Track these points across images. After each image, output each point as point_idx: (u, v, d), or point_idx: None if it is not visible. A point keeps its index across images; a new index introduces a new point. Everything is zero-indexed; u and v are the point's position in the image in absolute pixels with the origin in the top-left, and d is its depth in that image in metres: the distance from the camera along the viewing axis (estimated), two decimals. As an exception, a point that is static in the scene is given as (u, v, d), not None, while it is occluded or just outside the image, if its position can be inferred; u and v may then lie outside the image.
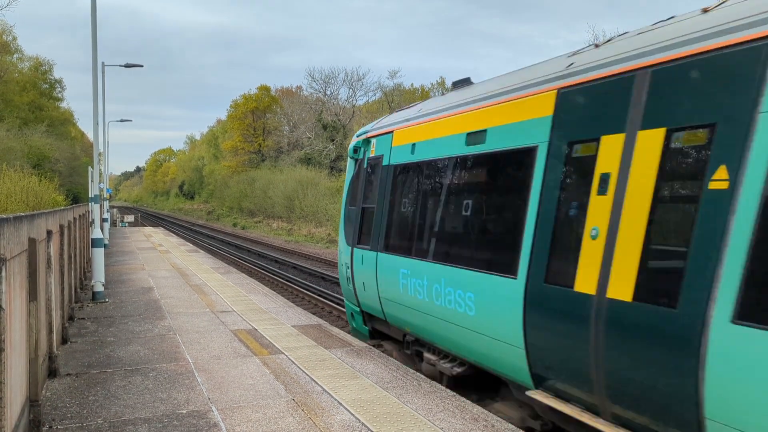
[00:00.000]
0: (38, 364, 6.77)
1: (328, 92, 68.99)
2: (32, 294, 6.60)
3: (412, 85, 70.98)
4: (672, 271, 4.99)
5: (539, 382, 6.51)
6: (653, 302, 5.04)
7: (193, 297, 15.11)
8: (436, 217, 8.82)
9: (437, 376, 8.83)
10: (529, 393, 6.58)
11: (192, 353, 9.58)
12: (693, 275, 4.74)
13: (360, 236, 11.18)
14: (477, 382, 8.29)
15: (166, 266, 22.14)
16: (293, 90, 78.37)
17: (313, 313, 15.10)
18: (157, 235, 42.67)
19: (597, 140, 5.95)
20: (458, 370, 8.37)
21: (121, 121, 52.09)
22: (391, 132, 10.61)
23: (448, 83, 68.94)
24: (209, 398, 7.40)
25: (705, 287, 4.61)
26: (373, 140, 11.35)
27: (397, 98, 63.36)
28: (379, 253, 10.25)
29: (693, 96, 5.14)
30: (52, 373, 8.29)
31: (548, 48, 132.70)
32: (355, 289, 11.28)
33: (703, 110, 5.02)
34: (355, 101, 68.42)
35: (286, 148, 72.15)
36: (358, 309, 11.50)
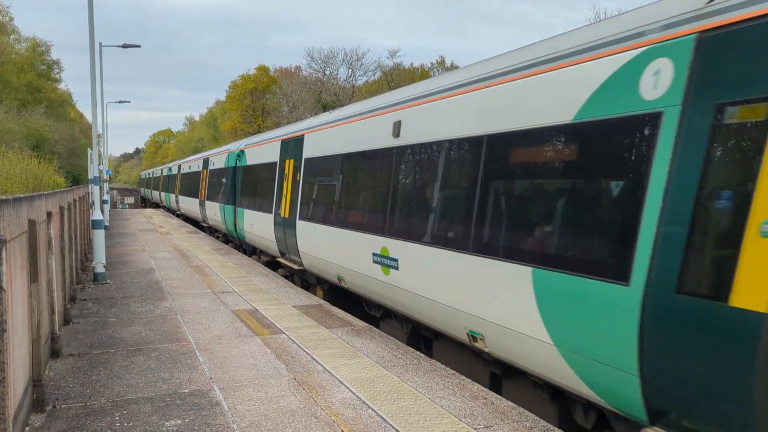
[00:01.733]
0: (41, 344, 6.81)
1: (327, 72, 68.48)
2: (33, 275, 6.62)
3: (411, 64, 70.47)
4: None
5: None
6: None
7: (194, 278, 15.17)
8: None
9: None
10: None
11: (193, 333, 9.64)
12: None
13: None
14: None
15: (166, 247, 22.19)
16: (292, 70, 77.78)
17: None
18: (157, 216, 42.70)
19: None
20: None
21: (120, 102, 52.04)
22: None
23: (448, 63, 68.54)
24: (211, 378, 7.47)
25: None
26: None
27: (397, 78, 62.89)
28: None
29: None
30: (55, 354, 8.34)
31: (548, 27, 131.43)
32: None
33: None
34: (354, 81, 67.96)
35: (285, 129, 71.64)
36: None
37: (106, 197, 33.47)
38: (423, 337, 9.84)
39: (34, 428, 5.97)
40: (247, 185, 20.73)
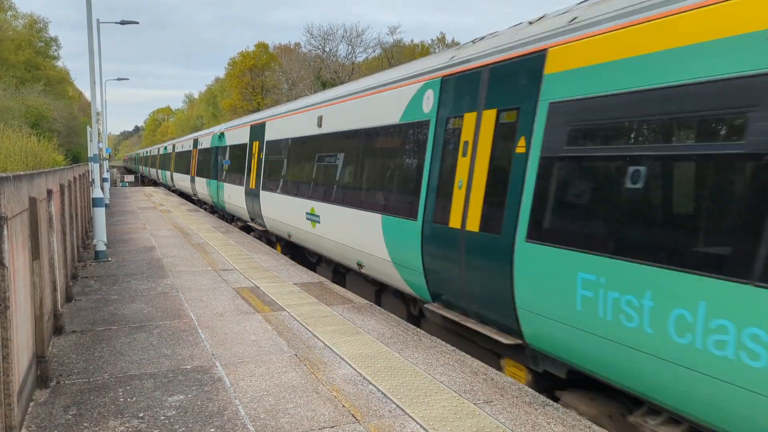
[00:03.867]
0: (43, 321, 6.86)
1: (327, 49, 67.88)
2: (35, 252, 6.64)
3: (412, 41, 69.85)
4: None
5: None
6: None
7: (195, 256, 15.21)
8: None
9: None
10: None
11: (195, 310, 9.70)
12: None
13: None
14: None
15: (167, 226, 22.21)
16: (291, 47, 77.20)
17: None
18: (157, 194, 42.68)
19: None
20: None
21: (118, 79, 51.57)
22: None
23: (449, 40, 67.94)
24: (213, 354, 7.53)
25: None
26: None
27: (397, 55, 62.36)
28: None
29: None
30: (58, 331, 8.40)
31: (550, 1, 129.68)
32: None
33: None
34: (354, 58, 67.40)
35: (285, 107, 71.22)
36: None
37: (106, 175, 33.44)
38: None
39: (39, 404, 6.03)
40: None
